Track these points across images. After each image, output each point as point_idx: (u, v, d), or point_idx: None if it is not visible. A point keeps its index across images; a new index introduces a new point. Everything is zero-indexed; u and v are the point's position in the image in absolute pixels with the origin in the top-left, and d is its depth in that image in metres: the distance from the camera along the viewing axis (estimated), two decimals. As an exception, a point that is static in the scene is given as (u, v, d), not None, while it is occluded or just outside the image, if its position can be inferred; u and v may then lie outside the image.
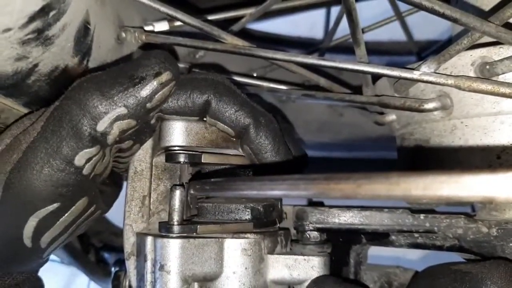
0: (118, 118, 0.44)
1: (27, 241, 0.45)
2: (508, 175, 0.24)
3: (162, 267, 0.49)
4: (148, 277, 0.52)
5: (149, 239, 0.52)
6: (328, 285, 0.49)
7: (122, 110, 0.44)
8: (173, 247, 0.49)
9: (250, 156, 0.52)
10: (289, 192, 0.33)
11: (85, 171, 0.45)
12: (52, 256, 0.53)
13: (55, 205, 0.44)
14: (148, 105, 0.45)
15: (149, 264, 0.52)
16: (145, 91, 0.44)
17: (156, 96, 0.45)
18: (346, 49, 1.06)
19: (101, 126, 0.43)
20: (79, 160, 0.43)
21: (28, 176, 0.42)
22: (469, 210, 0.59)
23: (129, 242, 0.57)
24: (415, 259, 1.11)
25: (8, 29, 0.41)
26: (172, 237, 0.49)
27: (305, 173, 0.34)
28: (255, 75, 0.88)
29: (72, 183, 0.44)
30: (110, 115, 0.43)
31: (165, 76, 0.45)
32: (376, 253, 0.65)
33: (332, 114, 1.07)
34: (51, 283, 0.58)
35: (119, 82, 0.44)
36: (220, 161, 0.54)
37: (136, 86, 0.44)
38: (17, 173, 0.43)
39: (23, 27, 0.42)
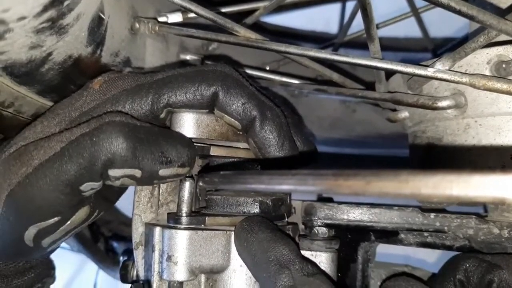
0: (129, 176, 0.46)
1: (29, 242, 0.46)
2: (520, 176, 0.23)
3: (169, 258, 0.50)
4: (156, 267, 0.52)
5: (157, 230, 0.52)
6: (255, 226, 0.49)
7: (136, 172, 0.45)
8: (181, 238, 0.49)
9: (254, 150, 0.52)
10: (297, 187, 0.32)
11: (86, 194, 0.47)
12: (62, 244, 0.54)
13: (56, 218, 0.46)
14: (156, 181, 0.48)
15: (156, 255, 0.52)
16: (164, 173, 0.47)
17: (166, 179, 0.48)
18: (361, 44, 1.05)
19: (112, 172, 0.45)
20: (85, 187, 0.45)
21: (33, 193, 0.43)
22: (481, 210, 0.58)
23: (137, 232, 0.57)
24: (425, 258, 1.11)
25: (23, 18, 0.41)
26: (180, 228, 0.50)
27: (315, 169, 0.34)
28: (268, 68, 0.87)
29: (74, 204, 0.46)
30: (126, 171, 0.45)
31: (184, 171, 0.48)
32: (385, 251, 0.64)
33: (345, 111, 1.07)
34: (61, 270, 0.59)
35: (151, 151, 0.45)
36: (229, 154, 0.54)
37: (161, 165, 0.46)
38: (23, 187, 0.43)
39: (37, 16, 0.42)
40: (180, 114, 0.52)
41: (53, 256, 0.56)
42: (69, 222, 0.47)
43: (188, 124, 0.52)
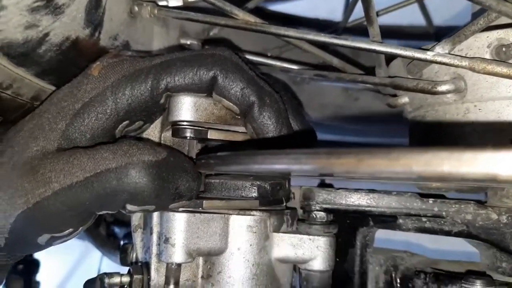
0: (142, 210, 0.48)
1: (41, 243, 0.47)
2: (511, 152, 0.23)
3: (167, 240, 0.50)
4: (154, 249, 0.53)
5: (156, 212, 0.52)
6: None
7: (150, 208, 0.47)
8: (179, 221, 0.50)
9: (252, 135, 0.52)
10: (291, 166, 0.32)
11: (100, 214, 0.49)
12: None
13: (70, 230, 0.47)
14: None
15: (154, 237, 0.53)
16: (173, 206, 0.49)
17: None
18: (364, 30, 1.04)
19: (130, 207, 0.47)
20: (101, 212, 0.48)
21: (50, 213, 0.45)
22: (483, 198, 0.58)
23: (136, 215, 0.57)
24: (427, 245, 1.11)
25: (17, -5, 0.41)
26: (178, 211, 0.50)
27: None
28: (269, 54, 0.87)
29: (88, 220, 0.48)
30: (143, 207, 0.47)
31: (188, 202, 0.49)
32: (386, 236, 0.64)
33: (347, 98, 1.06)
34: (66, 256, 0.59)
35: (169, 189, 0.46)
36: (226, 137, 0.53)
37: (173, 200, 0.48)
38: (40, 208, 0.44)
39: (31, -6, 0.42)
40: (178, 97, 0.51)
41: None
42: (80, 229, 0.48)
43: (187, 108, 0.51)
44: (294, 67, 0.78)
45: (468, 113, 0.52)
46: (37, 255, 1.12)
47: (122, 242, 0.94)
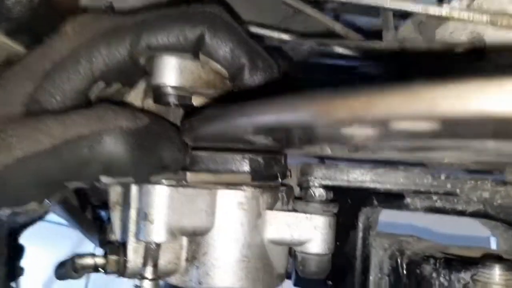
0: (120, 182, 0.45)
1: (2, 217, 0.45)
2: None
3: (145, 216, 0.45)
4: (131, 227, 0.48)
5: (135, 186, 0.47)
6: None
7: (129, 180, 0.44)
8: (159, 195, 0.45)
9: None
10: (285, 114, 0.27)
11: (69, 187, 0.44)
12: (61, 220, 0.50)
13: (34, 204, 0.42)
14: None
15: (133, 213, 0.48)
16: (155, 177, 0.45)
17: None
18: None
19: (104, 179, 0.42)
20: (69, 184, 0.43)
21: (11, 185, 0.40)
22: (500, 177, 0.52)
23: (115, 190, 0.52)
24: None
25: None
26: (159, 183, 0.44)
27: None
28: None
29: (54, 193, 0.44)
30: (119, 179, 0.43)
31: (173, 174, 0.46)
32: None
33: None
34: (61, 246, 0.55)
35: (149, 160, 0.42)
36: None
37: (155, 171, 0.44)
38: (1, 178, 0.40)
39: None
40: (161, 58, 0.46)
41: (53, 233, 0.52)
42: (45, 203, 0.43)
43: (170, 69, 0.46)
44: (294, 37, 0.73)
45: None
46: (24, 242, 1.07)
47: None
